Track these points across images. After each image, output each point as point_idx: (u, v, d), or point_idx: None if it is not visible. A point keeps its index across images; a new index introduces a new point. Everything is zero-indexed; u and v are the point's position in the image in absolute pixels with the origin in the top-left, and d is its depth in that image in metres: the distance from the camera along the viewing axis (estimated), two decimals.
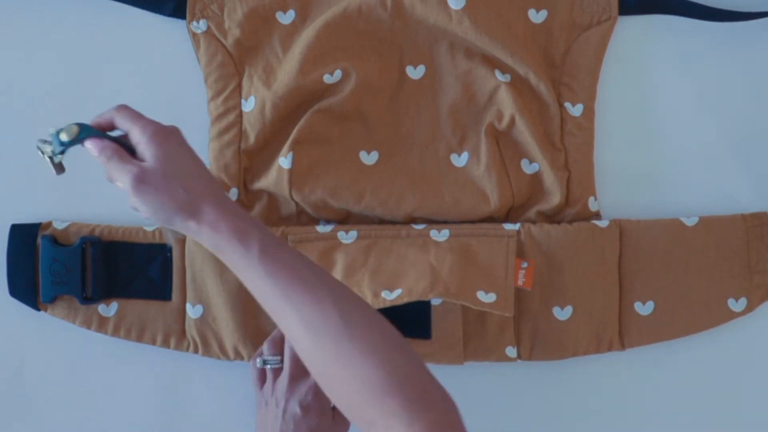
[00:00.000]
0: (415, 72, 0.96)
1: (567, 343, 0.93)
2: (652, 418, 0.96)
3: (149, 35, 0.97)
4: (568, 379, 0.96)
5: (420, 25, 0.94)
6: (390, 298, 0.87)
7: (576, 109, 0.95)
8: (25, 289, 0.94)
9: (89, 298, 0.93)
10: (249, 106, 0.94)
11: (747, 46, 0.97)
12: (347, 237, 0.93)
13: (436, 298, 0.91)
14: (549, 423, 0.95)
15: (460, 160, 0.95)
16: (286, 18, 0.96)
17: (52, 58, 0.97)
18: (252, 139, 0.94)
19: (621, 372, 0.95)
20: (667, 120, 0.97)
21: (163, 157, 0.76)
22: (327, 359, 0.71)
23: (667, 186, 0.97)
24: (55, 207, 0.96)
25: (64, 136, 0.77)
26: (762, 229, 0.94)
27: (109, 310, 0.94)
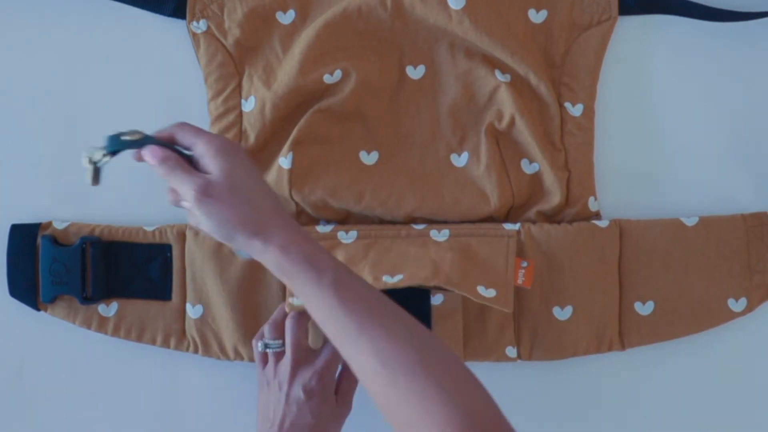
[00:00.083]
0: (415, 72, 0.96)
1: (567, 343, 0.93)
2: (652, 418, 0.96)
3: (149, 35, 0.97)
4: (568, 379, 0.96)
5: (420, 25, 0.94)
6: (391, 281, 0.87)
7: (576, 109, 0.95)
8: (25, 289, 0.94)
9: (89, 298, 0.93)
10: (249, 106, 0.94)
11: (747, 46, 0.97)
12: (347, 237, 0.93)
13: (437, 294, 0.91)
14: (549, 423, 0.95)
15: (460, 160, 0.95)
16: (286, 18, 0.96)
17: (52, 58, 0.97)
18: (252, 139, 0.94)
19: (621, 372, 0.95)
20: (667, 120, 0.97)
21: (229, 171, 0.74)
22: (401, 397, 0.68)
23: (667, 186, 0.97)
24: (55, 207, 0.96)
25: (126, 137, 0.76)
26: (762, 229, 0.94)
27: (109, 310, 0.94)
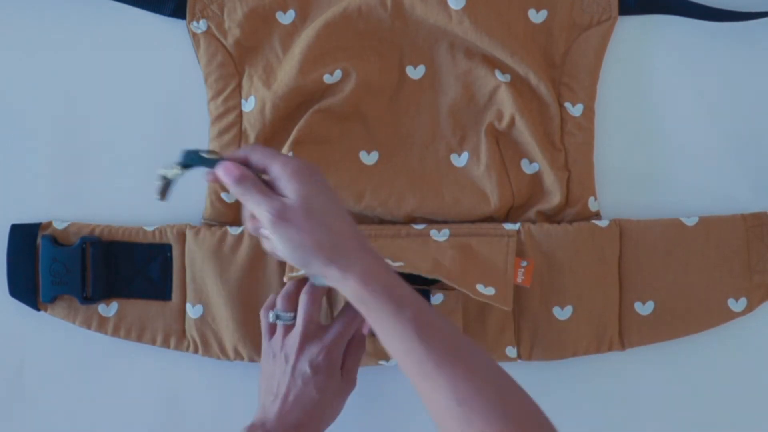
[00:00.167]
0: (415, 72, 0.96)
1: (567, 343, 0.93)
2: (652, 418, 0.96)
3: (149, 35, 0.97)
4: (568, 379, 0.96)
5: (420, 25, 0.94)
6: (393, 265, 0.86)
7: (576, 109, 0.95)
8: (25, 289, 0.94)
9: (89, 298, 0.93)
10: (249, 106, 0.94)
11: (747, 46, 0.97)
12: None
13: (437, 294, 0.91)
14: None
15: (460, 160, 0.95)
16: (286, 18, 0.96)
17: (52, 58, 0.97)
18: (252, 139, 0.94)
19: (621, 372, 0.95)
20: (667, 120, 0.97)
21: (306, 195, 0.73)
22: None
23: (667, 186, 0.97)
24: (55, 207, 0.96)
25: (204, 153, 0.77)
26: (762, 229, 0.94)
27: (109, 310, 0.94)
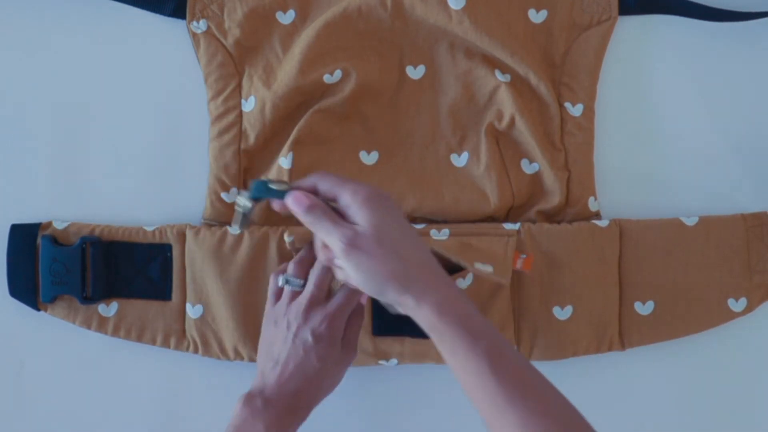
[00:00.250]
0: (415, 72, 0.96)
1: (567, 343, 0.93)
2: (651, 418, 0.96)
3: (149, 35, 0.97)
4: (568, 379, 0.95)
5: (420, 25, 0.94)
6: None
7: (576, 109, 0.95)
8: (25, 289, 0.94)
9: (89, 298, 0.93)
10: (249, 106, 0.94)
11: (747, 46, 0.97)
12: None
13: (467, 274, 0.91)
14: None
15: (460, 160, 0.95)
16: (286, 18, 0.96)
17: (52, 58, 0.97)
18: (252, 139, 0.94)
19: (621, 372, 0.95)
20: (667, 120, 0.97)
21: (377, 222, 0.73)
22: None
23: (667, 186, 0.97)
24: (55, 207, 0.96)
25: (273, 184, 0.77)
26: (762, 229, 0.94)
27: (109, 310, 0.94)
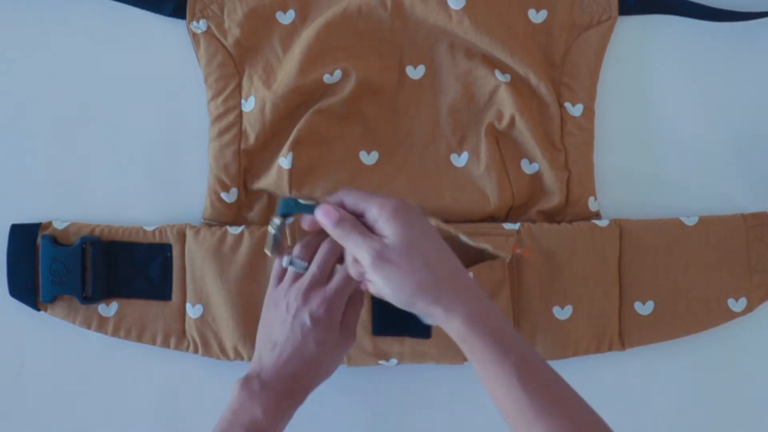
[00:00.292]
0: (415, 72, 0.96)
1: (567, 343, 0.93)
2: (652, 418, 0.96)
3: (149, 35, 0.97)
4: (568, 378, 0.95)
5: (420, 25, 0.94)
6: None
7: (576, 109, 0.95)
8: (25, 289, 0.94)
9: (89, 298, 0.93)
10: (249, 106, 0.94)
11: (747, 46, 0.97)
12: None
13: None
14: None
15: (460, 160, 0.95)
16: (286, 18, 0.96)
17: (52, 58, 0.97)
18: (252, 139, 0.94)
19: (621, 372, 0.95)
20: (667, 120, 0.97)
21: (405, 234, 0.73)
22: None
23: (667, 186, 0.97)
24: (55, 207, 0.96)
25: (301, 200, 0.78)
26: (762, 229, 0.94)
27: (109, 310, 0.94)
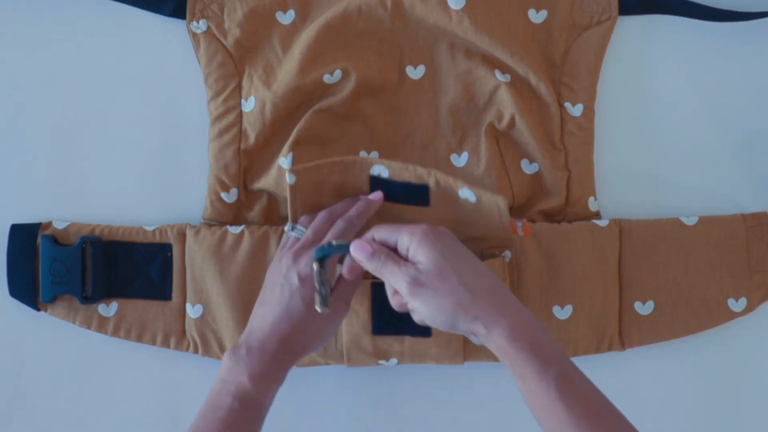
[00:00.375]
0: (415, 72, 0.96)
1: (567, 343, 0.93)
2: (652, 418, 0.95)
3: (149, 35, 0.97)
4: None
5: (420, 25, 0.94)
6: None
7: (576, 109, 0.95)
8: (25, 289, 0.94)
9: (89, 297, 0.93)
10: (249, 106, 0.94)
11: (747, 46, 0.97)
12: None
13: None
14: None
15: (460, 160, 0.95)
16: (286, 18, 0.96)
17: (52, 58, 0.97)
18: (252, 139, 0.94)
19: (621, 372, 0.95)
20: (667, 120, 0.97)
21: (437, 257, 0.74)
22: None
23: (667, 186, 0.97)
24: (55, 207, 0.96)
25: (335, 242, 0.80)
26: (762, 229, 0.94)
27: (109, 310, 0.94)
